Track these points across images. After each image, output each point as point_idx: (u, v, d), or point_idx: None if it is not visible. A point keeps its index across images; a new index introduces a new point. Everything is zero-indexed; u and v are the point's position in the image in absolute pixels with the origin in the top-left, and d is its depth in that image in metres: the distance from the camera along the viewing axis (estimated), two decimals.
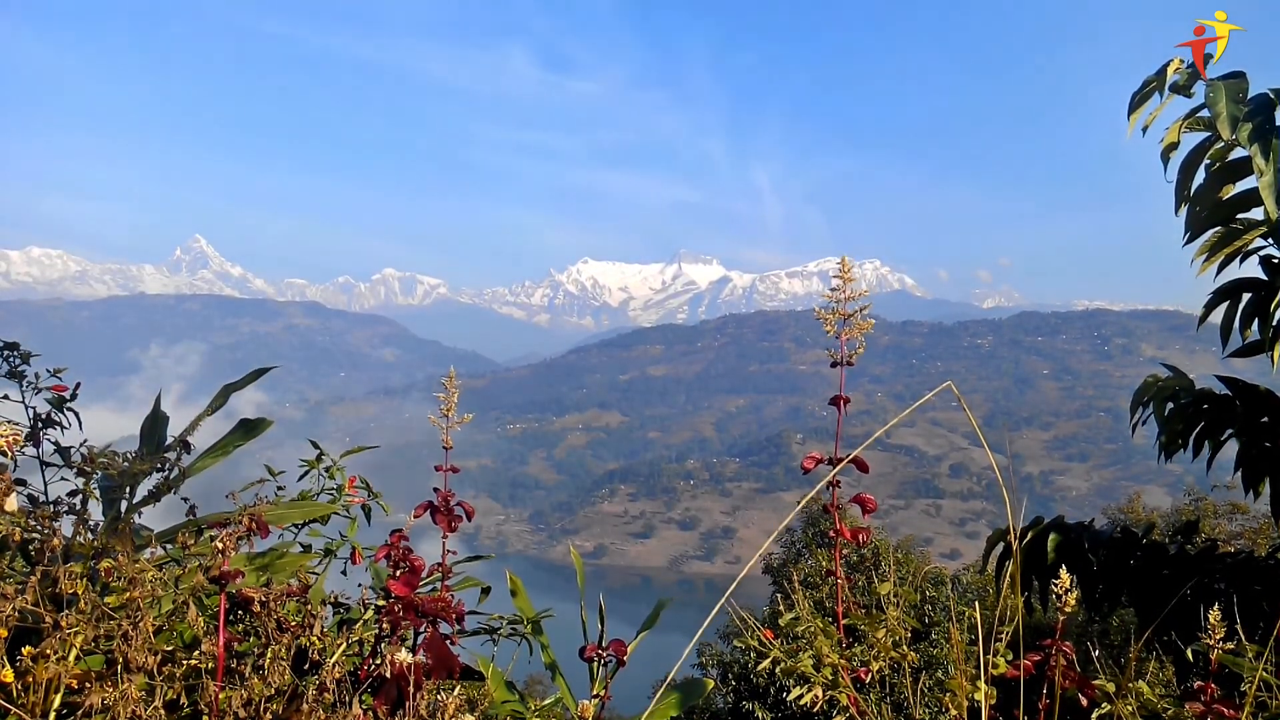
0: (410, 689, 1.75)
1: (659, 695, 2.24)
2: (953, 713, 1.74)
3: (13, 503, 1.96)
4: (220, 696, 1.60)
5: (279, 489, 3.07)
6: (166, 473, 2.32)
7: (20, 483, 2.09)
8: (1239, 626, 1.98)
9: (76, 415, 2.36)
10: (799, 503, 1.83)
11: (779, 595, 17.19)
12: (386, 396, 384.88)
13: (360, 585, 2.10)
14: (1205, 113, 2.74)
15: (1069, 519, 3.41)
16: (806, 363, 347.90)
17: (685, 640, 1.90)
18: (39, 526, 1.81)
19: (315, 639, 1.77)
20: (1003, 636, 1.86)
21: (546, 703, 2.79)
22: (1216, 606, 1.76)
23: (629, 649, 2.23)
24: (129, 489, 2.28)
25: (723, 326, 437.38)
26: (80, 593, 1.60)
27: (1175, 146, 2.89)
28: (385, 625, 1.89)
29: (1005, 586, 2.50)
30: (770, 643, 2.12)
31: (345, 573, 3.13)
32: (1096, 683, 1.86)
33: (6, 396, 2.29)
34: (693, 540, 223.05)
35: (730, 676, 14.43)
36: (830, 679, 2.01)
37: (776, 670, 2.07)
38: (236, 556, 2.03)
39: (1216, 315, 3.12)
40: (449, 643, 1.99)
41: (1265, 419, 3.08)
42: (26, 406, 2.29)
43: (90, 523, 2.03)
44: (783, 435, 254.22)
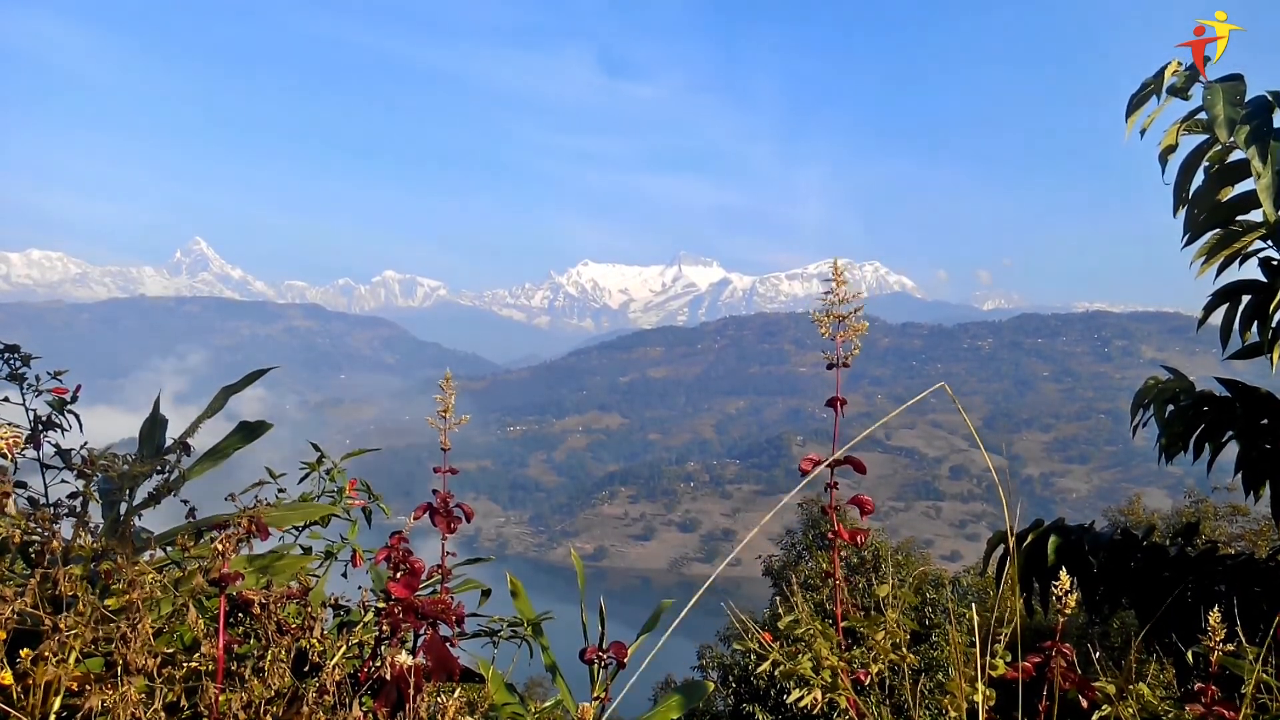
0: (410, 691, 1.75)
1: (661, 697, 2.23)
2: (952, 715, 1.74)
3: (13, 505, 1.96)
4: (220, 699, 1.60)
5: (279, 491, 3.08)
6: (166, 475, 2.33)
7: (21, 485, 2.09)
8: (1239, 629, 1.99)
9: (77, 417, 2.36)
10: (798, 503, 1.84)
11: (779, 598, 17.19)
12: (386, 399, 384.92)
13: (360, 587, 2.10)
14: (1203, 115, 2.74)
15: (1069, 521, 3.41)
16: (807, 365, 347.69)
17: (686, 642, 1.90)
18: (39, 529, 1.81)
19: (315, 641, 1.77)
20: (1002, 638, 1.86)
21: (547, 705, 2.79)
22: (1217, 608, 1.76)
23: (629, 651, 2.23)
24: (129, 491, 2.28)
25: (723, 328, 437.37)
26: (80, 595, 1.60)
27: (1174, 149, 2.89)
28: (385, 627, 1.89)
29: (1005, 588, 2.50)
30: (770, 645, 2.12)
31: (345, 575, 3.14)
32: (1097, 685, 1.86)
33: (7, 399, 2.29)
34: (693, 542, 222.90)
35: (731, 679, 14.44)
36: (830, 681, 2.01)
37: (776, 673, 2.07)
38: (236, 559, 2.03)
39: (1216, 317, 3.12)
40: (449, 645, 1.99)
41: (1265, 421, 3.08)
42: (27, 409, 2.29)
43: (90, 525, 2.03)
44: (783, 437, 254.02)
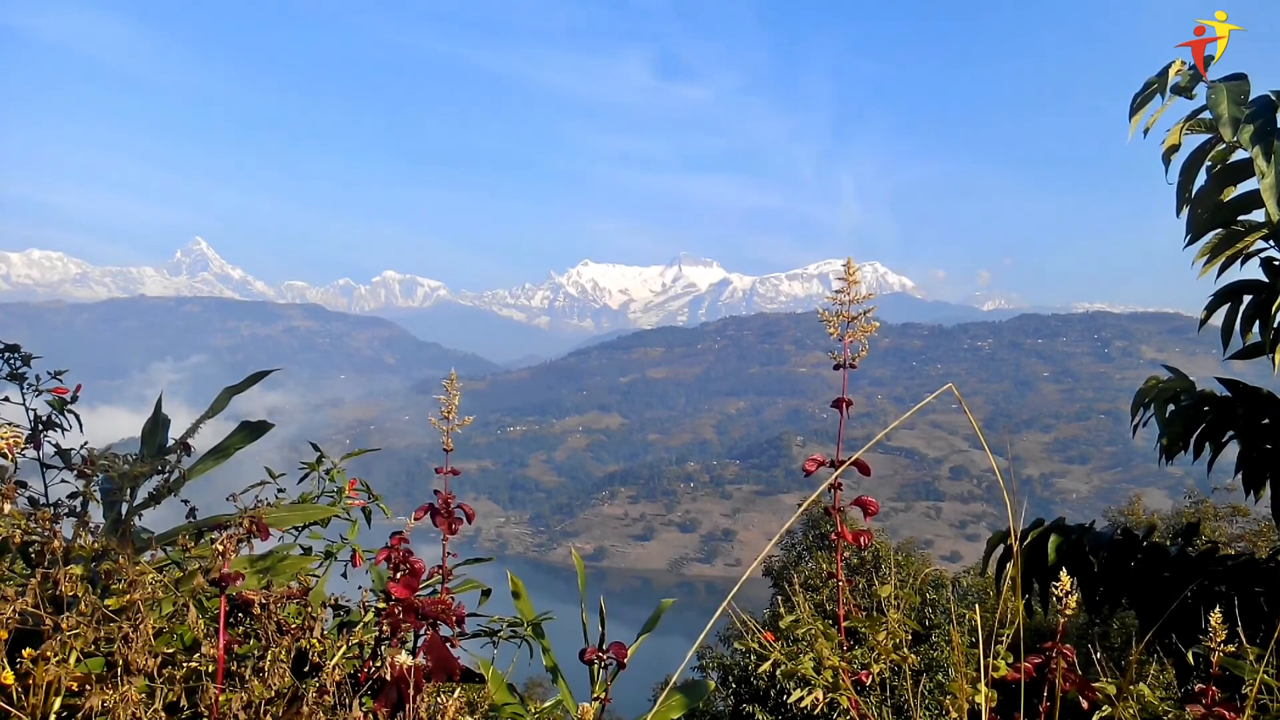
0: (410, 691, 1.75)
1: (662, 697, 2.23)
2: (953, 715, 1.74)
3: (9, 506, 1.96)
4: (220, 699, 1.60)
5: (279, 491, 3.07)
6: (167, 475, 2.33)
7: (21, 485, 2.09)
8: (1240, 629, 1.98)
9: (77, 417, 2.36)
10: (800, 506, 1.83)
11: (780, 598, 17.19)
12: (387, 399, 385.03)
13: (360, 588, 2.10)
14: (1207, 114, 2.74)
15: (1069, 521, 3.41)
16: (806, 365, 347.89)
17: (685, 643, 1.90)
18: (39, 529, 1.81)
19: (315, 641, 1.77)
20: (1003, 639, 1.86)
21: (547, 705, 2.78)
22: (1217, 609, 1.76)
23: (629, 652, 2.23)
24: (129, 491, 2.28)
25: (723, 329, 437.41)
26: (80, 595, 1.60)
27: (1176, 148, 2.88)
28: (385, 628, 1.89)
29: (1006, 589, 2.50)
30: (771, 645, 2.12)
31: (346, 575, 3.13)
32: (1097, 685, 1.86)
33: (7, 399, 2.29)
34: (693, 542, 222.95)
35: (731, 679, 14.42)
36: (831, 682, 2.01)
37: (777, 673, 2.07)
38: (237, 559, 2.03)
39: (1217, 318, 3.12)
40: (449, 645, 1.98)
41: (1266, 421, 3.08)
42: (27, 409, 2.29)
43: (90, 525, 2.02)
44: (783, 437, 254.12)
